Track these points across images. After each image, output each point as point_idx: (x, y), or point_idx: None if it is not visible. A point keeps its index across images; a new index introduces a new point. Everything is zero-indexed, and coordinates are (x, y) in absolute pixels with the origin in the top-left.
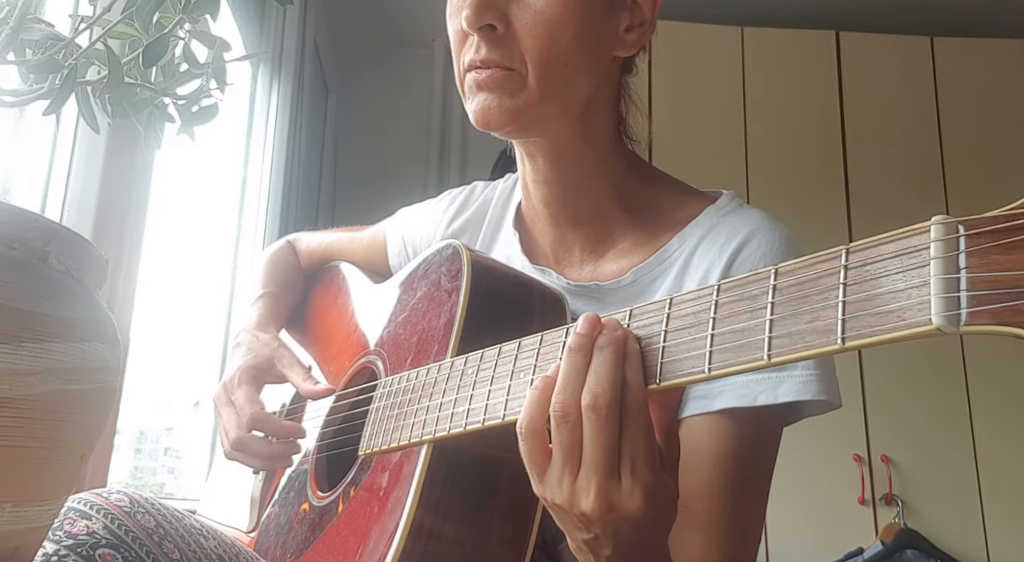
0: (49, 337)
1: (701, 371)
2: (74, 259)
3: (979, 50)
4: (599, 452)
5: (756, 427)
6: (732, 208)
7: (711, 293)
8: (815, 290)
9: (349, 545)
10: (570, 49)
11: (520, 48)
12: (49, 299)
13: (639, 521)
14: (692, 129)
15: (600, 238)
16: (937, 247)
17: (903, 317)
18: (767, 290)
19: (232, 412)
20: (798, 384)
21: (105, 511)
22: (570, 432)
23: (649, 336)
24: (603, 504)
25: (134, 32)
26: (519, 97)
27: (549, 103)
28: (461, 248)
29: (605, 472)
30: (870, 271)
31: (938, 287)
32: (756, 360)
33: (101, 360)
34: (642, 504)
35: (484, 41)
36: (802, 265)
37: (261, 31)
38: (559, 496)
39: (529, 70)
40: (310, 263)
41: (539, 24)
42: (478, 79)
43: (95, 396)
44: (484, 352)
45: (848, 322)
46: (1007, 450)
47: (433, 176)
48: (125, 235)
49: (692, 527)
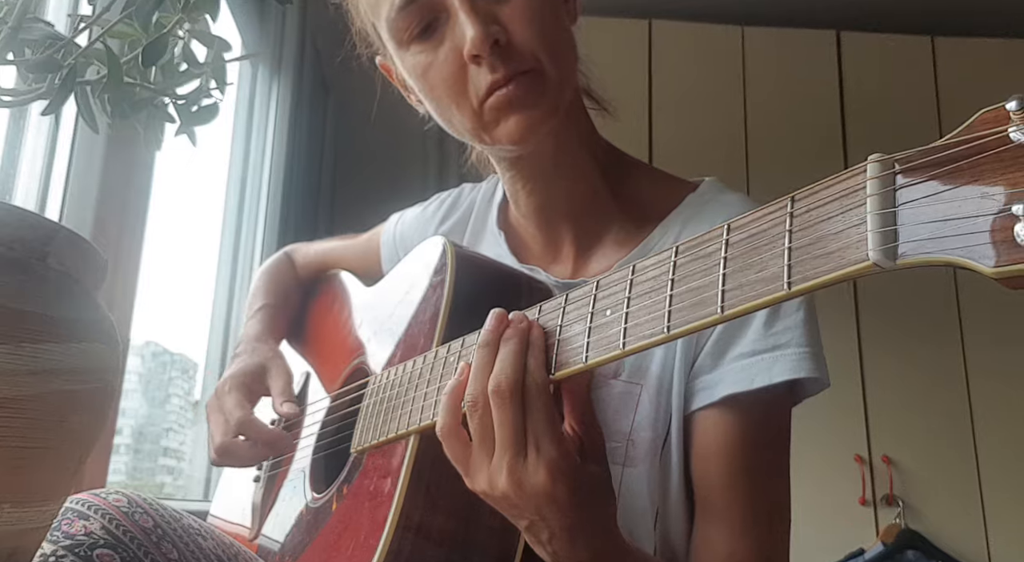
0: (48, 337)
1: (662, 331)
2: (73, 259)
3: (980, 50)
4: (505, 432)
5: (760, 412)
6: (713, 194)
7: (670, 256)
8: (763, 241)
9: (342, 543)
10: (559, 29)
11: (527, 48)
12: (48, 299)
13: (554, 499)
14: (692, 129)
15: (587, 233)
16: (873, 184)
17: (843, 257)
18: (720, 246)
19: (220, 419)
20: (792, 362)
21: (103, 511)
22: (480, 418)
23: (615, 304)
24: (513, 480)
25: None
26: (548, 93)
27: (568, 84)
28: (445, 243)
29: (513, 451)
30: (813, 216)
31: (874, 223)
32: (711, 315)
33: (100, 360)
34: (547, 479)
35: (498, 58)
36: (753, 218)
37: (261, 31)
38: (482, 482)
39: (545, 63)
40: (308, 273)
41: (533, 21)
42: (508, 95)
43: (94, 396)
44: (465, 338)
45: (793, 267)
46: (1008, 451)
47: (433, 176)
48: (124, 235)
49: (714, 521)
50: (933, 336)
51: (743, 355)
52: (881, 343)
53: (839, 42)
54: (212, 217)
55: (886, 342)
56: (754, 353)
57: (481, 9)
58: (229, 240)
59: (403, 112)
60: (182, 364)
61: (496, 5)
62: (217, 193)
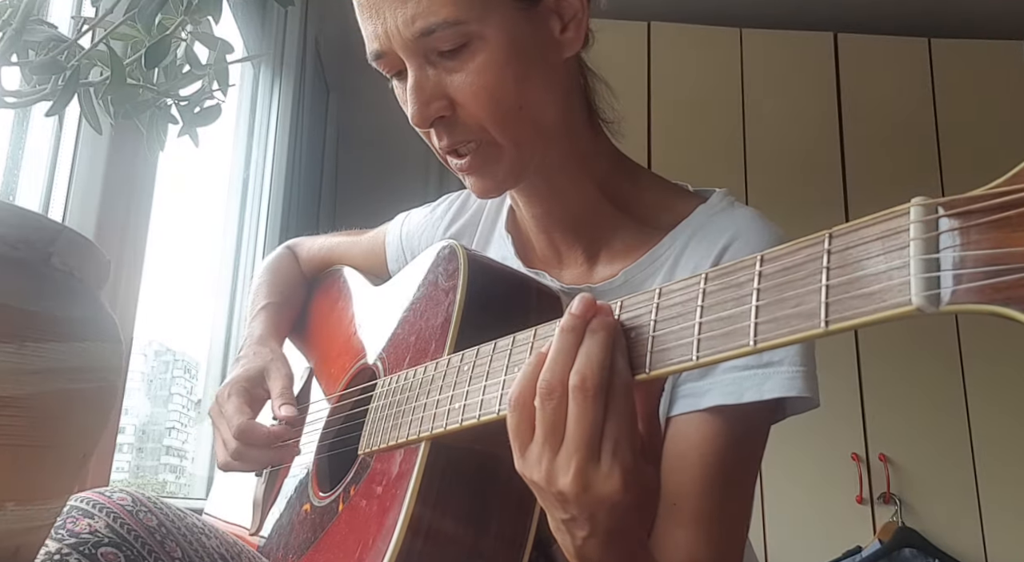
0: (51, 337)
1: (689, 359)
2: (77, 259)
3: (976, 51)
4: (581, 432)
5: (743, 425)
6: (723, 207)
7: (699, 282)
8: (799, 275)
9: (349, 544)
10: (516, 92)
11: (473, 121)
12: (52, 299)
13: (616, 504)
14: (690, 130)
15: (592, 241)
16: (917, 228)
17: (884, 299)
18: (753, 277)
19: (223, 424)
20: (784, 380)
21: (108, 510)
22: (553, 410)
23: (639, 326)
24: (580, 484)
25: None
26: (503, 161)
27: (528, 147)
28: (457, 247)
29: (586, 452)
30: (852, 254)
31: (918, 268)
32: (743, 346)
33: (103, 360)
34: (620, 487)
35: (442, 130)
36: (787, 251)
37: (262, 32)
38: (537, 473)
39: (492, 132)
40: (311, 268)
41: (479, 95)
42: (460, 166)
43: (97, 395)
44: (479, 348)
45: (831, 305)
46: (1004, 449)
47: (434, 177)
48: (128, 235)
49: (679, 525)
50: (929, 335)
51: (735, 367)
52: (878, 342)
53: (836, 44)
54: (214, 217)
55: (883, 340)
56: (747, 367)
57: (427, 84)
58: (231, 240)
59: (403, 113)
60: (185, 363)
61: (447, 75)
62: (219, 193)
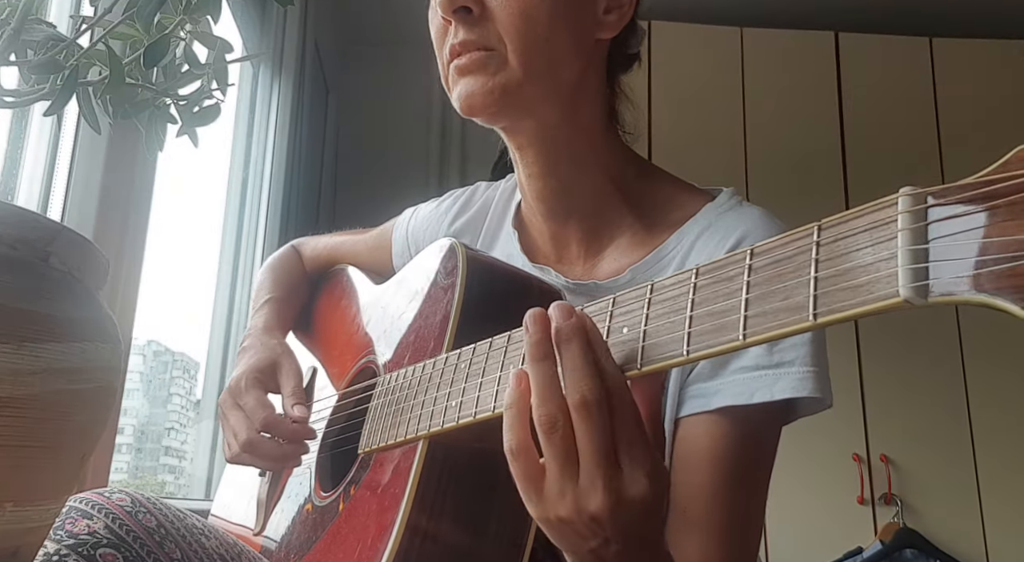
0: (50, 337)
1: (680, 354)
2: (76, 259)
3: (977, 51)
4: (595, 447)
5: (754, 426)
6: (731, 205)
7: (690, 277)
8: (789, 268)
9: (349, 543)
10: (548, 25)
11: (497, 27)
12: (50, 299)
13: (649, 508)
14: (691, 129)
15: (597, 234)
16: (905, 218)
17: (872, 291)
18: (743, 271)
19: (241, 416)
20: (795, 381)
21: (106, 511)
22: (562, 439)
23: (632, 323)
24: (612, 497)
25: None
26: (501, 75)
27: (533, 83)
28: (457, 245)
29: (606, 464)
30: (841, 246)
31: (906, 259)
32: (732, 340)
33: (102, 360)
34: (647, 486)
35: (461, 25)
36: (777, 244)
37: (262, 32)
38: (563, 508)
39: (508, 48)
40: (315, 267)
41: (512, 6)
42: (459, 64)
43: (96, 396)
44: (476, 346)
45: (819, 298)
46: (1006, 450)
47: (433, 176)
48: (127, 235)
49: (691, 528)
50: (931, 335)
51: (746, 368)
52: (879, 342)
53: (837, 43)
54: (213, 217)
55: (884, 341)
56: (757, 367)
57: None
58: (230, 240)
59: (404, 112)
60: (183, 363)
61: None
62: (218, 193)
